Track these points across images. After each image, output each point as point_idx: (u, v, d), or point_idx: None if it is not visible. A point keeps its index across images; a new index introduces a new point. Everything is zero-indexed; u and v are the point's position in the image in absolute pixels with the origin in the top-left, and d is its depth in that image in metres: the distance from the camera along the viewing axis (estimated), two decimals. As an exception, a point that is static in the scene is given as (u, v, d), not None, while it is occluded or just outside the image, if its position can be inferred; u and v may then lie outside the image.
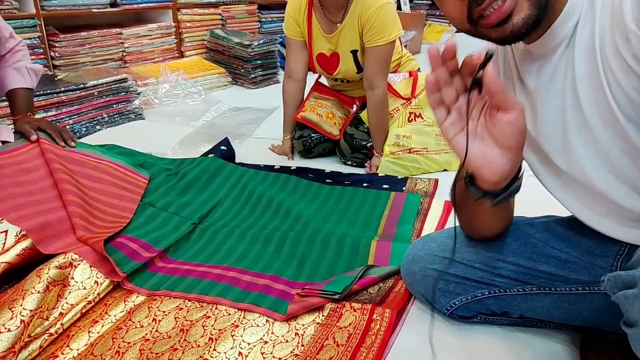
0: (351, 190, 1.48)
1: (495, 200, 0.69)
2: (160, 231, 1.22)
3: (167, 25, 2.96)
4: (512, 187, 0.68)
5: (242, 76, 2.95)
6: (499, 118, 0.61)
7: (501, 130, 0.61)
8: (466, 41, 0.61)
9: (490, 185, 0.68)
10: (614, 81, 0.61)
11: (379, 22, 1.54)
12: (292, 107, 1.80)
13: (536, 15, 0.60)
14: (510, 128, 0.61)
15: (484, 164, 0.64)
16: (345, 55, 1.65)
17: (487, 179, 0.66)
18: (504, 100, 0.59)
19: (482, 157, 0.64)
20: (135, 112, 2.28)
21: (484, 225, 0.82)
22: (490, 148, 0.63)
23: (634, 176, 0.66)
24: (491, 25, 0.61)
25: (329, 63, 1.71)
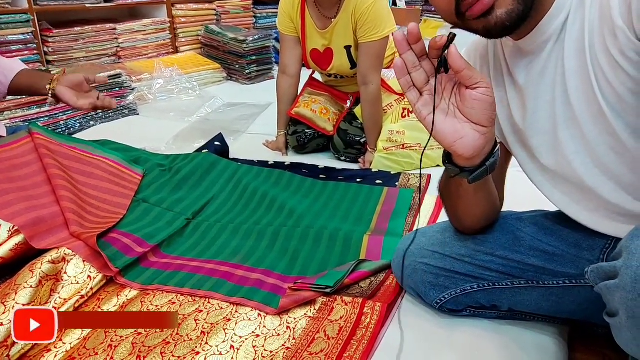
0: (344, 185, 1.49)
1: (472, 177, 0.70)
2: (154, 226, 1.23)
3: (162, 20, 2.95)
4: (488, 163, 0.70)
5: (237, 72, 2.95)
6: (467, 94, 0.63)
7: (470, 106, 0.63)
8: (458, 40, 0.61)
9: (465, 161, 0.70)
10: (603, 77, 0.62)
11: (372, 18, 1.54)
12: (286, 103, 1.80)
13: (521, 10, 0.61)
14: (478, 103, 0.63)
15: (457, 139, 0.66)
16: (339, 51, 1.65)
17: (461, 154, 0.68)
18: (470, 77, 0.61)
19: (455, 133, 0.66)
20: (129, 107, 2.28)
21: (468, 210, 0.83)
22: (461, 124, 0.65)
23: (620, 172, 0.67)
24: (475, 16, 0.62)
25: (322, 59, 1.71)
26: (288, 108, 1.79)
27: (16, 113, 1.95)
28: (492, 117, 0.65)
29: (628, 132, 0.63)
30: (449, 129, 0.65)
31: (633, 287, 0.48)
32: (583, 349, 0.90)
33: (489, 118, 0.64)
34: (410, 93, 0.65)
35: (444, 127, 0.65)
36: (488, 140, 0.67)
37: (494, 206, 0.83)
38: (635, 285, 0.48)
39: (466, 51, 0.84)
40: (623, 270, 0.49)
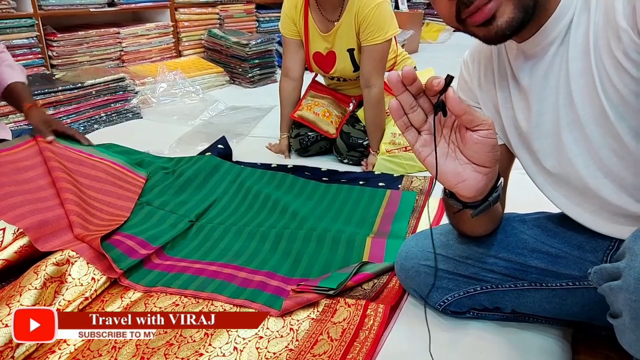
0: (347, 188, 1.49)
1: (475, 212, 0.70)
2: (157, 229, 1.23)
3: (165, 24, 2.96)
4: (490, 199, 0.69)
5: (240, 75, 2.96)
6: (468, 137, 0.61)
7: (472, 149, 0.61)
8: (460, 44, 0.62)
9: (468, 199, 0.69)
10: (607, 79, 0.62)
11: (375, 21, 1.55)
12: (289, 106, 1.81)
13: (521, 18, 0.61)
14: (480, 146, 0.61)
15: (459, 182, 0.64)
16: (342, 53, 1.66)
17: (463, 195, 0.67)
18: (471, 120, 0.59)
19: (456, 176, 0.64)
20: (133, 111, 2.29)
21: (471, 230, 0.83)
22: (462, 166, 0.63)
23: (622, 174, 0.67)
24: (476, 24, 0.62)
25: (325, 62, 1.72)
26: (291, 111, 1.80)
27: (21, 117, 1.96)
28: (494, 158, 0.63)
29: (631, 134, 0.64)
30: (451, 172, 0.64)
31: (636, 288, 0.48)
32: (586, 350, 0.90)
33: (491, 159, 0.62)
34: (408, 134, 0.63)
35: (445, 169, 0.63)
36: (490, 179, 0.66)
37: (497, 220, 0.83)
38: (638, 287, 0.48)
39: (470, 53, 0.84)
40: (626, 271, 0.49)
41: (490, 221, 0.80)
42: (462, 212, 0.73)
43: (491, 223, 0.81)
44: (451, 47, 4.13)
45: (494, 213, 0.79)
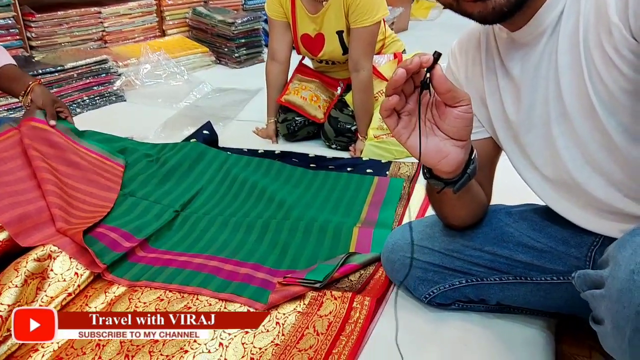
0: (335, 175, 1.48)
1: (456, 187, 0.70)
2: (142, 220, 1.21)
3: (148, 3, 2.87)
4: (469, 171, 0.69)
5: (226, 55, 2.90)
6: (448, 112, 0.61)
7: (452, 124, 0.62)
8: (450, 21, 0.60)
9: (448, 175, 0.69)
10: (596, 74, 0.61)
11: (364, 3, 1.51)
12: (276, 90, 1.78)
13: None
14: (459, 121, 0.62)
15: (441, 158, 0.65)
16: (331, 36, 1.62)
17: (445, 170, 0.67)
18: (454, 97, 0.60)
19: (438, 152, 0.64)
20: (116, 94, 2.24)
21: (453, 213, 0.83)
22: (442, 142, 0.64)
23: (610, 169, 0.66)
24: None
25: (314, 44, 1.68)
26: (278, 95, 1.76)
27: (0, 101, 1.91)
28: (470, 131, 0.64)
29: (619, 130, 0.63)
30: (433, 149, 0.64)
31: (618, 299, 0.48)
32: (570, 341, 0.91)
33: (468, 132, 0.64)
34: (390, 119, 0.62)
35: (427, 147, 0.64)
36: (466, 152, 0.67)
37: (480, 205, 0.83)
38: (620, 297, 0.47)
39: (458, 43, 0.83)
40: (609, 280, 0.49)
41: (473, 202, 0.80)
42: (444, 193, 0.73)
43: (473, 204, 0.81)
44: (441, 24, 4.08)
45: (475, 193, 0.79)
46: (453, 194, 0.71)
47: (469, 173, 0.69)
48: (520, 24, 0.66)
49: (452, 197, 0.73)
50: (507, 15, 0.62)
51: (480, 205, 0.82)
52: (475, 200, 0.80)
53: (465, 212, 0.81)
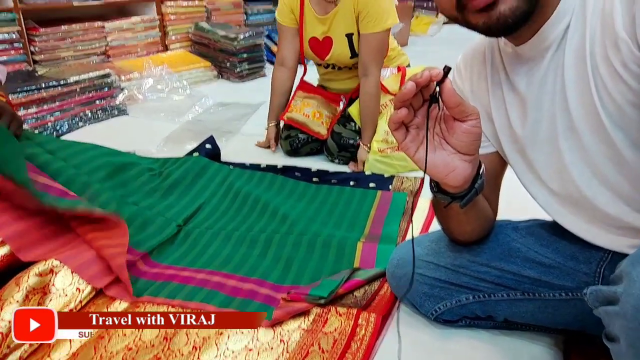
0: (338, 189, 1.47)
1: (463, 202, 0.70)
2: (144, 233, 1.20)
3: (151, 18, 2.91)
4: (477, 185, 0.69)
5: (228, 70, 2.92)
6: (457, 126, 0.61)
7: (460, 138, 0.62)
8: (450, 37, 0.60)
9: (456, 189, 0.69)
10: (603, 88, 0.61)
11: (376, 9, 1.54)
12: (280, 95, 1.79)
13: (525, 9, 0.60)
14: (467, 136, 0.62)
15: (449, 172, 0.65)
16: (340, 39, 1.64)
17: (452, 185, 0.67)
18: (463, 111, 0.60)
19: (446, 166, 0.64)
20: (118, 108, 2.25)
21: (459, 228, 0.82)
22: (450, 156, 0.64)
23: (618, 183, 0.66)
24: (477, 8, 0.60)
25: (321, 47, 1.69)
26: (282, 100, 1.78)
27: None
28: (479, 146, 0.64)
29: (627, 144, 0.62)
30: (441, 163, 0.64)
31: (634, 316, 0.47)
32: (578, 358, 0.90)
33: (477, 147, 0.64)
34: (398, 132, 0.62)
35: (436, 161, 0.64)
36: (474, 166, 0.66)
37: (486, 220, 0.82)
38: (636, 314, 0.46)
39: (463, 58, 0.83)
40: (624, 297, 0.48)
41: (479, 217, 0.79)
42: (451, 208, 0.72)
43: (480, 219, 0.80)
44: (441, 40, 4.12)
45: (481, 208, 0.78)
46: (460, 208, 0.70)
47: (476, 188, 0.68)
48: (525, 38, 0.67)
49: (458, 211, 0.72)
50: (512, 27, 0.62)
51: (486, 220, 0.82)
52: (482, 215, 0.79)
53: (471, 226, 0.80)
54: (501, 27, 0.62)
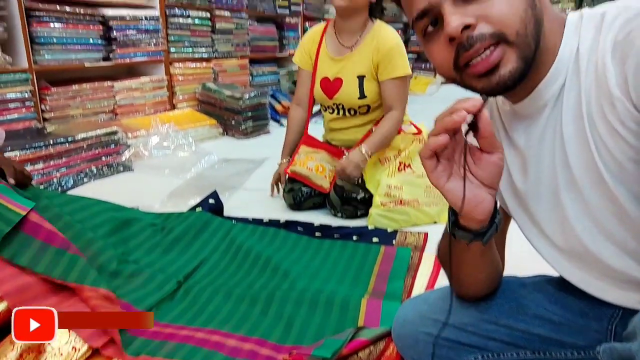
0: (340, 243, 1.46)
1: (486, 238, 0.69)
2: (143, 290, 1.19)
3: (160, 78, 3.00)
4: (496, 220, 0.68)
5: (233, 127, 2.98)
6: (485, 158, 0.62)
7: (485, 170, 0.63)
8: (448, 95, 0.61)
9: (477, 225, 0.68)
10: (602, 145, 0.61)
11: (398, 57, 1.64)
12: (295, 132, 1.89)
13: (522, 69, 0.61)
14: (495, 168, 0.62)
15: (477, 205, 0.64)
16: (351, 79, 1.71)
17: (477, 218, 0.66)
18: (494, 143, 0.61)
19: (474, 198, 0.64)
20: (124, 164, 2.28)
21: (473, 276, 0.80)
22: (478, 188, 0.64)
23: (623, 238, 0.65)
24: (478, 74, 0.61)
25: (331, 87, 1.76)
26: (296, 138, 1.88)
27: (9, 171, 1.93)
28: (499, 180, 0.65)
29: (630, 199, 0.62)
30: (470, 194, 0.64)
31: (651, 375, 0.45)
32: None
33: (499, 180, 0.65)
34: (429, 161, 0.63)
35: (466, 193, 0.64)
36: (494, 200, 0.67)
37: (497, 269, 0.81)
38: (653, 373, 0.45)
39: None
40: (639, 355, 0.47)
41: (493, 262, 0.78)
42: (468, 250, 0.71)
43: (493, 266, 0.79)
44: (439, 99, 4.23)
45: (495, 252, 0.77)
46: (482, 246, 0.69)
47: (496, 223, 0.68)
48: (522, 95, 0.68)
49: (474, 255, 0.71)
50: (510, 88, 0.63)
51: (497, 269, 0.80)
52: (494, 262, 0.78)
53: (484, 274, 0.79)
54: (500, 90, 0.63)
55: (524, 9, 0.60)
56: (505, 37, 0.59)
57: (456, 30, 0.59)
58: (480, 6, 0.60)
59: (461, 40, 0.60)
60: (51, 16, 2.40)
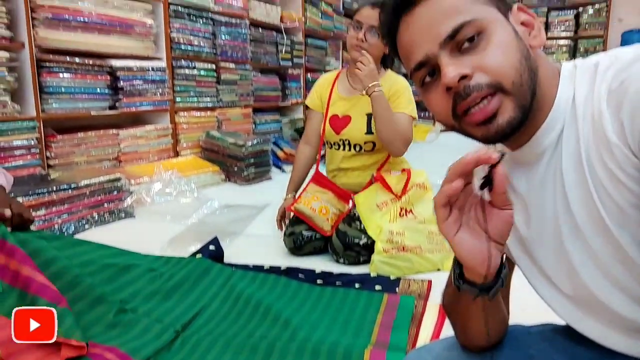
0: (342, 291, 1.43)
1: (492, 293, 0.67)
2: (140, 340, 1.15)
3: (164, 127, 3.05)
4: (502, 275, 0.66)
5: (235, 173, 3.01)
6: (496, 214, 0.61)
7: (495, 226, 0.61)
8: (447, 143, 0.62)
9: (483, 279, 0.66)
10: (603, 191, 0.61)
11: (405, 96, 1.75)
12: (301, 169, 1.96)
13: (520, 117, 0.62)
14: (505, 224, 0.61)
15: (484, 259, 0.63)
16: (359, 117, 1.80)
17: (483, 273, 0.64)
18: (506, 199, 0.60)
19: (482, 252, 0.63)
20: (126, 211, 2.28)
21: (478, 328, 0.77)
22: (487, 243, 0.63)
23: (630, 285, 0.64)
24: (476, 123, 0.62)
25: (339, 123, 1.84)
26: (302, 174, 1.96)
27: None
28: (508, 236, 0.64)
29: (634, 245, 0.61)
30: (478, 249, 0.63)
31: None
32: None
33: (508, 236, 0.63)
34: (442, 210, 0.62)
35: (472, 246, 0.63)
36: (501, 255, 0.66)
37: (503, 320, 0.78)
38: None
39: None
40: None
41: (498, 314, 0.76)
42: (474, 303, 0.69)
43: (498, 317, 0.76)
44: (439, 146, 4.28)
45: (501, 303, 0.75)
46: (488, 301, 0.68)
47: (502, 278, 0.67)
48: (521, 143, 0.68)
49: (479, 307, 0.69)
50: (509, 136, 0.64)
51: (503, 320, 0.78)
52: (500, 313, 0.76)
53: (490, 326, 0.76)
54: (499, 138, 0.64)
55: (518, 60, 0.61)
56: (502, 86, 0.60)
57: (453, 81, 0.61)
58: (476, 57, 0.61)
59: (458, 90, 0.61)
60: (61, 67, 2.47)
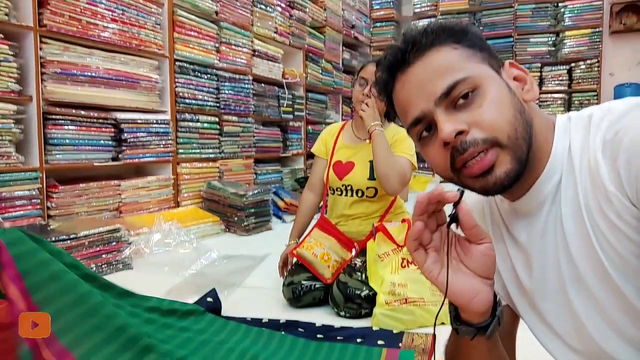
0: (340, 347, 1.38)
1: (489, 332, 0.65)
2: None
3: (166, 177, 3.07)
4: (497, 312, 0.65)
5: (235, 224, 2.99)
6: (473, 249, 0.61)
7: (477, 261, 0.61)
8: None
9: (479, 318, 0.65)
10: (604, 240, 0.60)
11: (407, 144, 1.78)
12: (305, 216, 1.97)
13: (517, 169, 0.62)
14: (485, 258, 0.61)
15: (473, 296, 0.62)
16: (362, 163, 1.82)
17: (477, 311, 0.64)
18: (479, 233, 0.60)
19: (471, 289, 0.62)
20: (124, 262, 2.25)
21: None
22: (473, 279, 0.62)
23: (635, 336, 0.61)
24: (474, 175, 0.62)
25: (342, 169, 1.85)
26: (306, 221, 1.96)
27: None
28: (494, 270, 0.63)
29: (637, 294, 0.60)
30: (466, 286, 0.62)
31: None
32: None
33: (493, 271, 0.63)
34: (418, 254, 0.63)
35: (459, 285, 0.62)
36: (492, 291, 0.65)
37: None
38: None
39: None
40: None
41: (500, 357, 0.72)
42: (474, 347, 0.67)
43: None
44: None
45: (502, 349, 0.72)
46: (486, 340, 0.66)
47: (497, 315, 0.65)
48: (520, 194, 0.68)
49: (482, 350, 0.67)
50: (508, 187, 0.64)
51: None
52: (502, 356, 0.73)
53: None
54: (498, 190, 0.64)
55: (512, 114, 0.62)
56: (498, 141, 0.61)
57: (450, 136, 0.62)
58: (471, 113, 0.62)
59: (455, 145, 0.62)
60: (66, 119, 2.52)
